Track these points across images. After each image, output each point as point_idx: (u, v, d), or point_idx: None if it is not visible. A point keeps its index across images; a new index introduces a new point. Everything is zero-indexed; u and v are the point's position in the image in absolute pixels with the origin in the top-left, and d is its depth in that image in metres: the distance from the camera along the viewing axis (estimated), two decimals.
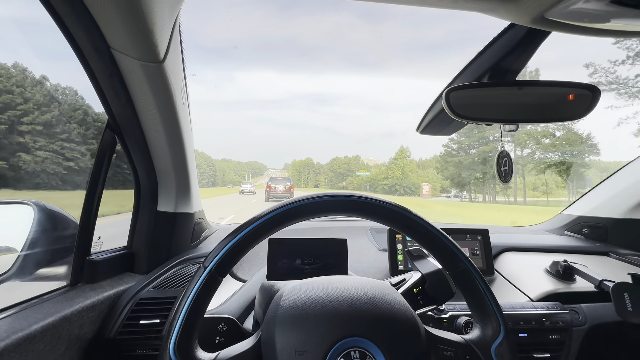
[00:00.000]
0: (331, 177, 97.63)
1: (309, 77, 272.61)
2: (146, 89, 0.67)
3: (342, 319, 0.44)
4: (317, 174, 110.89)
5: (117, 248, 0.90)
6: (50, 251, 0.78)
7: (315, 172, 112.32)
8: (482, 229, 1.09)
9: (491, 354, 0.47)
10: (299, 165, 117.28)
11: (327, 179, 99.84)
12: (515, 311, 0.83)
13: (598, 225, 1.29)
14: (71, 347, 0.65)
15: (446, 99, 0.70)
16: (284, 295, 0.49)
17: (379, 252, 1.15)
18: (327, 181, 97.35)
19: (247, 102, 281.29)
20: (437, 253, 0.52)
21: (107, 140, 0.74)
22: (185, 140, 0.84)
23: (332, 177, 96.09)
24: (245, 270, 1.03)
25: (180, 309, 0.44)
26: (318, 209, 0.49)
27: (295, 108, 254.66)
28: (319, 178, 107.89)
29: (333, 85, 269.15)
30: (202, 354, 0.45)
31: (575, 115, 0.67)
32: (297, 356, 0.42)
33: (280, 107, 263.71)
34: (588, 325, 0.86)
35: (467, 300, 0.52)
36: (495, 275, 1.06)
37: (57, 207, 0.83)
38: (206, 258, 0.46)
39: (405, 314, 0.47)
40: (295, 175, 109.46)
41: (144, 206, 0.92)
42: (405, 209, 0.50)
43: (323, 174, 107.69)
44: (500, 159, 0.73)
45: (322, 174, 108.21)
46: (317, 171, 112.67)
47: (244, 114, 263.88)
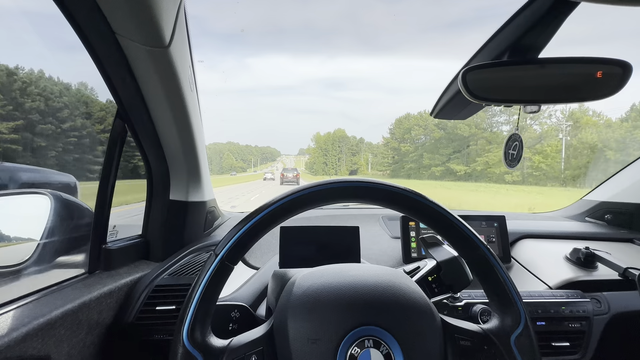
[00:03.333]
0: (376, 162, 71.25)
1: (323, 62, 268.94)
2: (153, 76, 0.66)
3: (355, 306, 0.43)
4: (355, 153, 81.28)
5: (132, 236, 0.92)
6: (67, 240, 0.80)
7: (351, 151, 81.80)
8: (498, 216, 1.06)
9: (511, 345, 0.45)
10: (324, 141, 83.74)
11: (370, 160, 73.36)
12: (533, 299, 0.81)
13: (622, 211, 1.23)
14: (91, 332, 0.67)
15: (463, 80, 0.66)
16: (297, 282, 0.48)
17: (391, 240, 1.13)
18: (369, 163, 73.14)
19: (261, 89, 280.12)
20: (454, 240, 0.50)
21: (117, 129, 0.74)
22: (194, 128, 0.83)
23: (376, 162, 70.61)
24: (257, 257, 1.04)
25: (193, 297, 0.44)
26: (329, 195, 0.47)
27: (309, 94, 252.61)
28: (357, 160, 79.47)
29: (347, 69, 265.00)
30: (215, 341, 0.45)
31: (604, 94, 0.63)
32: (310, 344, 0.41)
33: (294, 93, 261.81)
34: (610, 314, 0.83)
35: (485, 289, 0.50)
36: (512, 263, 1.03)
37: (72, 197, 0.84)
38: (217, 246, 0.46)
39: (421, 302, 0.46)
40: (321, 155, 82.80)
41: (157, 195, 0.93)
42: (420, 195, 0.48)
43: (364, 154, 79.32)
44: (511, 141, 0.69)
45: (361, 152, 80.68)
46: (353, 149, 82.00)
47: (258, 101, 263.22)
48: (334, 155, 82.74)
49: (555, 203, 2.56)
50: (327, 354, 0.41)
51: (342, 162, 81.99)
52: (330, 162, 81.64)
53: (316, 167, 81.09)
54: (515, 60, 0.65)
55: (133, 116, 0.75)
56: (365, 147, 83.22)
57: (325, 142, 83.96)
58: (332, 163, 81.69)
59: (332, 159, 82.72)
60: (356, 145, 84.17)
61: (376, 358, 0.41)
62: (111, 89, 0.69)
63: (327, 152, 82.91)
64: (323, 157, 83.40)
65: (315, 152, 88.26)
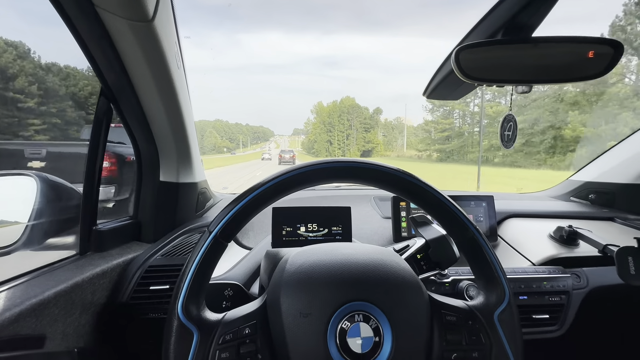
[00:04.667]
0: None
1: (317, 39, 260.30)
2: (137, 52, 0.64)
3: (346, 283, 0.45)
4: (368, 129, 62.95)
5: (122, 218, 0.91)
6: (56, 222, 0.79)
7: (363, 126, 62.57)
8: (487, 196, 1.08)
9: (494, 320, 0.48)
10: (327, 113, 64.79)
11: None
12: (517, 275, 0.85)
13: (605, 191, 1.27)
14: (85, 312, 0.68)
15: (456, 59, 0.65)
16: (290, 260, 0.49)
17: (382, 220, 1.15)
18: (403, 138, 59.24)
19: (253, 67, 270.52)
20: (443, 220, 0.51)
21: (102, 108, 0.72)
22: (182, 108, 0.81)
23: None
24: (250, 238, 1.05)
25: (187, 272, 0.45)
26: (322, 175, 0.47)
27: (304, 73, 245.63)
28: (371, 137, 61.97)
29: (342, 47, 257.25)
30: (209, 315, 0.46)
31: (595, 74, 0.63)
32: (301, 318, 0.43)
33: (288, 71, 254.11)
34: (589, 289, 0.87)
35: (472, 267, 0.52)
36: (498, 241, 1.07)
37: (58, 178, 0.82)
38: (211, 223, 0.47)
39: (409, 279, 0.47)
40: (324, 131, 64.28)
41: (147, 176, 0.92)
42: (411, 175, 0.49)
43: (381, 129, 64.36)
44: (506, 122, 0.70)
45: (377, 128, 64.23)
46: (366, 124, 62.78)
47: (250, 80, 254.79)
48: (341, 132, 63.49)
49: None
50: (318, 328, 0.42)
51: (352, 140, 62.87)
52: (337, 139, 62.61)
53: (317, 146, 64.26)
54: (509, 39, 0.64)
55: (118, 95, 0.73)
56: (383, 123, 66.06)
57: (330, 115, 64.13)
58: (339, 141, 62.64)
59: (339, 136, 63.03)
60: (370, 118, 64.42)
61: (365, 331, 0.42)
62: (94, 66, 0.67)
63: (332, 127, 63.68)
64: (327, 134, 64.21)
65: (316, 127, 68.43)
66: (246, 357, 0.43)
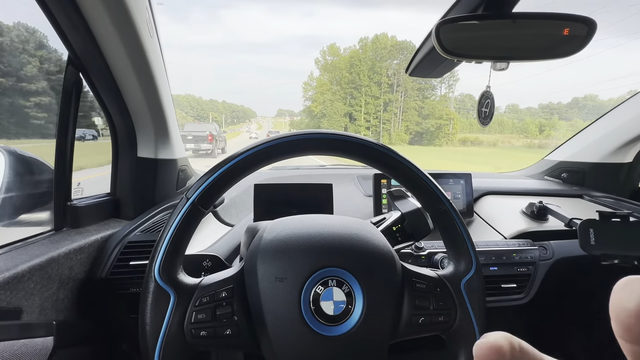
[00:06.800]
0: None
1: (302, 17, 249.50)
2: (103, 14, 0.60)
3: (322, 251, 0.46)
4: (425, 94, 35.47)
5: (99, 194, 0.89)
6: (28, 196, 0.77)
7: (419, 91, 35.27)
8: (465, 174, 1.11)
9: (460, 288, 0.51)
10: (346, 65, 36.96)
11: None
12: (489, 248, 0.89)
13: (576, 170, 1.33)
14: (64, 287, 0.67)
15: (436, 34, 0.65)
16: (268, 228, 0.50)
17: (364, 198, 1.17)
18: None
19: (236, 45, 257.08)
20: (419, 193, 0.53)
21: (70, 78, 0.68)
22: (157, 79, 0.78)
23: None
24: (233, 215, 1.05)
25: (164, 236, 0.45)
26: (301, 146, 0.48)
27: (288, 53, 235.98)
28: (433, 108, 34.26)
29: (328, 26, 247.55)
30: (186, 278, 0.47)
31: (569, 51, 0.65)
32: (277, 282, 0.44)
33: (272, 51, 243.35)
34: (554, 260, 0.93)
35: (444, 239, 0.54)
36: (474, 217, 1.11)
37: (29, 153, 0.79)
38: (189, 190, 0.47)
39: (383, 249, 0.49)
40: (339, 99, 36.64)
41: (123, 152, 0.89)
42: (390, 149, 0.50)
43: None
44: (484, 99, 0.71)
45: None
46: (423, 87, 34.68)
47: (232, 58, 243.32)
48: (374, 97, 35.39)
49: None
50: (293, 291, 0.44)
51: (397, 119, 34.92)
52: (363, 112, 35.44)
53: (327, 124, 36.42)
54: (488, 14, 0.65)
55: (87, 63, 0.69)
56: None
57: (352, 66, 36.61)
58: (370, 114, 35.25)
59: (369, 107, 35.45)
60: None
61: (338, 295, 0.44)
62: (58, 31, 0.62)
63: (358, 88, 36.03)
64: (343, 104, 36.67)
65: (324, 90, 38.20)
66: (222, 319, 0.44)
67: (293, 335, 0.43)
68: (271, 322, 0.43)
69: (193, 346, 0.45)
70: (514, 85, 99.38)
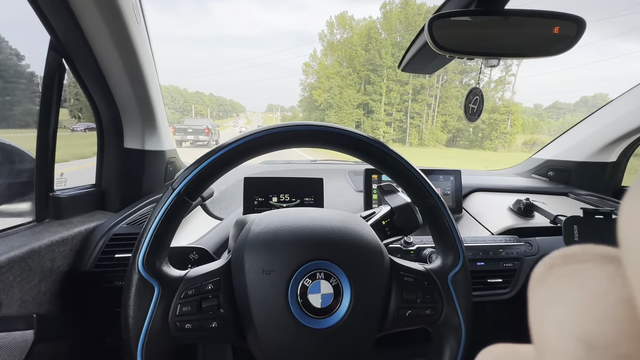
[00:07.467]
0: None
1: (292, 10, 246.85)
2: None
3: (310, 243, 0.46)
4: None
5: (84, 186, 0.87)
6: (7, 186, 0.74)
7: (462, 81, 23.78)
8: (454, 170, 1.13)
9: (447, 281, 0.51)
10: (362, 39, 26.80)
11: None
12: (476, 243, 0.90)
13: (562, 168, 1.36)
14: (45, 279, 0.65)
15: (429, 29, 0.65)
16: (255, 221, 0.50)
17: (355, 193, 1.17)
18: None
19: (225, 39, 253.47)
20: (409, 188, 0.53)
21: (52, 63, 0.66)
22: (144, 68, 0.76)
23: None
24: (222, 209, 1.04)
25: (149, 227, 0.44)
26: (290, 138, 0.47)
27: (278, 48, 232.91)
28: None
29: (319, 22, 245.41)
30: (171, 271, 0.46)
31: (559, 49, 0.65)
32: (264, 275, 0.44)
33: (262, 46, 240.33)
34: (539, 255, 0.95)
35: (433, 234, 0.55)
36: (463, 213, 1.12)
37: (9, 141, 0.76)
38: (175, 180, 0.45)
39: (372, 242, 0.49)
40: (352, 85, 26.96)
41: (109, 142, 0.87)
42: (381, 143, 0.50)
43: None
44: (472, 95, 0.71)
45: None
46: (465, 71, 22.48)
47: (221, 52, 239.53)
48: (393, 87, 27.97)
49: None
50: (280, 284, 0.43)
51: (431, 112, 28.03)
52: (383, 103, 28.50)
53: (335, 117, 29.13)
54: (481, 9, 0.65)
55: (71, 49, 0.66)
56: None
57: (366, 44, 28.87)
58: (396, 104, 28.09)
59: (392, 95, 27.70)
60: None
61: (326, 288, 0.44)
62: (37, 12, 0.59)
63: (378, 69, 28.37)
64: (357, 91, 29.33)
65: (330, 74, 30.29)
66: (208, 312, 0.44)
67: (280, 328, 0.43)
68: (258, 314, 0.43)
69: (178, 339, 0.44)
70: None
